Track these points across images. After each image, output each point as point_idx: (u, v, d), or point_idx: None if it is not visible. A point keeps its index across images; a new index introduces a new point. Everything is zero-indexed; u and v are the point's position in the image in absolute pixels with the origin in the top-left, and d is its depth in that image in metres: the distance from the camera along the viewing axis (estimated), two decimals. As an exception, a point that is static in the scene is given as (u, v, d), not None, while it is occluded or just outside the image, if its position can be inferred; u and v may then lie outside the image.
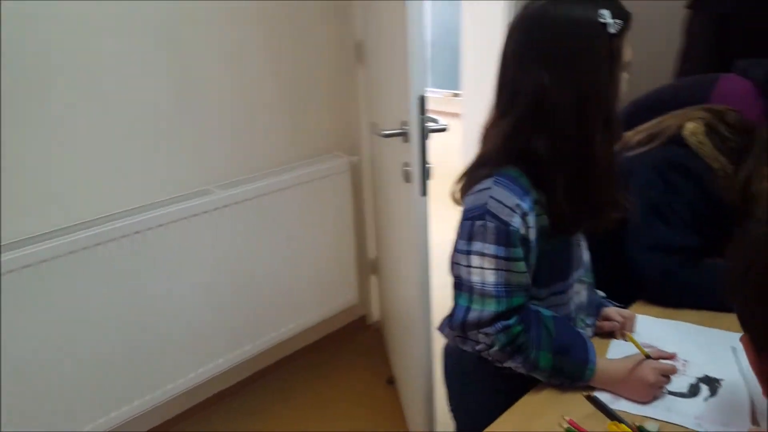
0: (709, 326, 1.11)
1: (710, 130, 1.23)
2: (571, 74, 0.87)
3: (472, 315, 0.93)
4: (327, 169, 2.17)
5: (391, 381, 2.22)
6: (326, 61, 2.15)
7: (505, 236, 0.90)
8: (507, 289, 0.91)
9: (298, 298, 2.19)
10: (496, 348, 0.93)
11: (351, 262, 2.35)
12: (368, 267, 2.50)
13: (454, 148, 3.38)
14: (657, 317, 1.16)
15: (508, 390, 0.98)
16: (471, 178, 0.97)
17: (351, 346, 2.46)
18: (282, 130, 2.08)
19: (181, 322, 1.86)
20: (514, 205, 0.90)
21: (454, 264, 0.96)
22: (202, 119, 1.86)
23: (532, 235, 0.92)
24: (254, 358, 2.12)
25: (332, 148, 2.25)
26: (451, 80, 5.27)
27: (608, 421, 0.89)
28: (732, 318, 1.13)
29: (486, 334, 0.93)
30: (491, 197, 0.91)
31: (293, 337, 2.22)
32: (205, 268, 1.89)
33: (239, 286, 1.99)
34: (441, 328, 1.03)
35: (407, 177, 1.53)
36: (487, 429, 0.92)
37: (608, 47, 0.87)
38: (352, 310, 2.47)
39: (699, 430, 0.86)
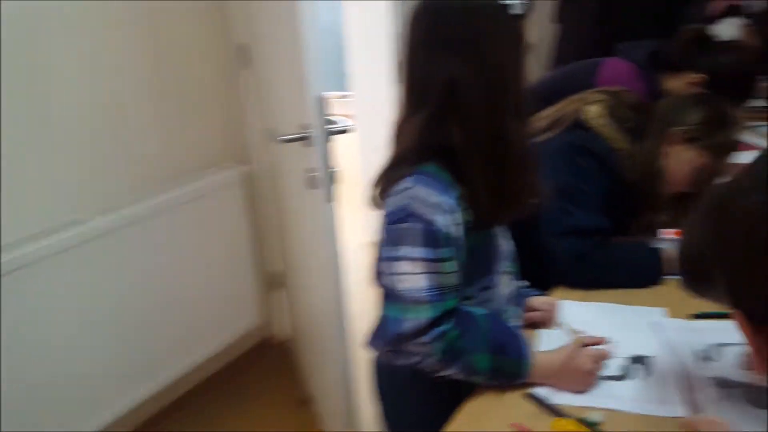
0: (626, 304, 1.12)
1: (610, 111, 1.26)
2: (481, 60, 0.83)
3: (407, 325, 0.85)
4: (215, 182, 2.02)
5: (304, 401, 2.10)
6: (204, 67, 2.00)
7: (431, 237, 0.83)
8: (439, 292, 0.85)
9: (195, 327, 2.01)
10: (434, 357, 0.86)
11: (250, 281, 2.21)
12: (273, 282, 2.36)
13: (351, 150, 3.32)
14: (576, 300, 1.15)
15: (447, 399, 0.91)
16: (388, 179, 0.89)
17: (258, 369, 2.30)
18: (160, 144, 1.90)
19: (61, 370, 1.63)
20: (438, 203, 0.84)
21: (381, 274, 0.88)
22: (62, 138, 1.64)
23: (459, 232, 0.86)
24: (153, 398, 1.91)
25: (221, 160, 2.09)
26: (335, 81, 5.23)
27: (547, 423, 0.85)
28: (645, 294, 1.17)
29: (422, 344, 0.85)
30: (413, 197, 0.84)
31: (195, 369, 2.03)
32: (84, 307, 1.67)
33: (126, 323, 1.79)
34: (371, 343, 0.94)
35: (312, 183, 1.44)
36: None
37: (514, 30, 0.85)
38: (256, 331, 2.32)
39: (639, 411, 0.85)
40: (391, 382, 1.02)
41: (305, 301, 1.97)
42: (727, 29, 3.02)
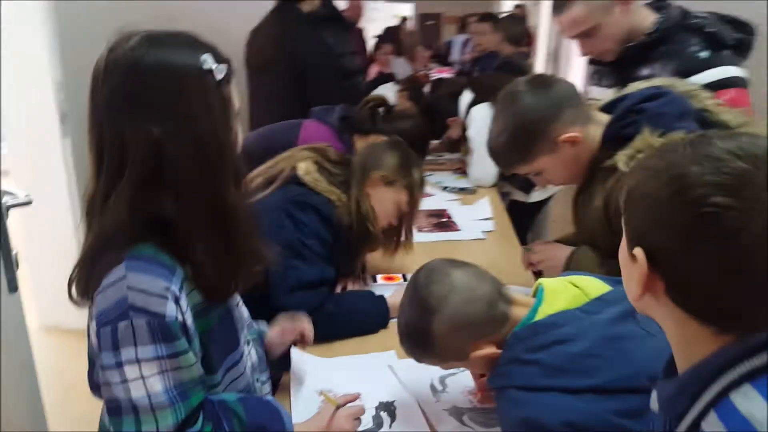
0: (363, 353, 1.18)
1: (319, 167, 1.37)
2: (185, 125, 0.75)
3: None
4: None
5: None
6: None
7: (161, 331, 0.72)
8: (180, 390, 0.74)
9: None
10: None
11: None
12: None
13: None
14: (316, 356, 1.16)
15: None
16: (92, 269, 0.75)
17: None
18: None
19: None
20: (163, 290, 0.73)
21: (104, 385, 0.73)
22: None
23: (189, 319, 0.77)
24: None
25: None
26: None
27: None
28: (376, 339, 1.26)
29: None
30: (130, 288, 0.72)
31: None
32: None
33: None
34: None
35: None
36: None
37: (218, 94, 0.79)
38: None
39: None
40: None
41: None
42: (385, 93, 3.60)
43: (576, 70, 7.88)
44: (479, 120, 2.22)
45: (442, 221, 2.00)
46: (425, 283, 0.93)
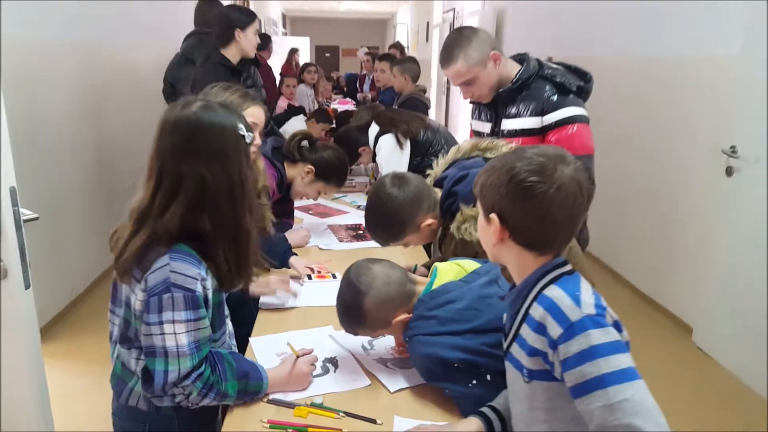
0: (307, 329, 1.57)
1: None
2: (223, 170, 1.11)
3: (172, 375, 1.07)
4: None
5: None
6: None
7: (192, 302, 1.08)
8: (197, 345, 1.10)
9: None
10: (193, 395, 1.11)
11: None
12: None
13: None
14: (271, 333, 1.53)
15: (192, 423, 1.19)
16: (141, 258, 1.09)
17: None
18: None
19: None
20: (195, 274, 1.09)
21: (146, 336, 1.08)
22: None
23: (210, 295, 1.14)
24: None
25: None
26: None
27: (291, 411, 1.20)
28: (318, 319, 1.63)
29: (184, 387, 1.09)
30: (172, 271, 1.07)
31: None
32: None
33: None
34: (148, 390, 1.10)
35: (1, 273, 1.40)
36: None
37: (245, 151, 1.17)
38: None
39: (342, 390, 1.28)
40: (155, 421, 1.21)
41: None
42: (295, 125, 4.01)
43: (458, 99, 8.70)
44: (386, 148, 2.66)
45: (359, 233, 2.41)
46: (355, 276, 1.34)
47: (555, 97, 1.87)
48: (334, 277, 1.90)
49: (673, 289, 3.55)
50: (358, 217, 2.62)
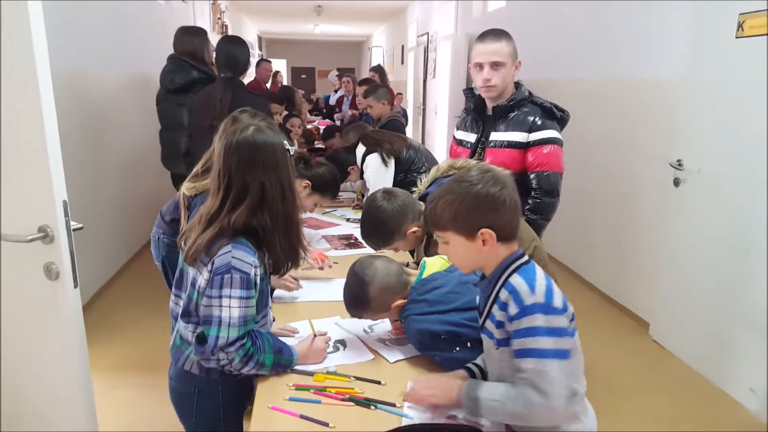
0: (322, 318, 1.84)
1: None
2: (277, 177, 1.40)
3: (221, 341, 1.34)
4: None
5: None
6: None
7: (246, 283, 1.35)
8: (244, 320, 1.37)
9: None
10: (236, 360, 1.37)
11: None
12: None
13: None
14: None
15: (232, 391, 1.46)
16: (209, 247, 1.36)
17: None
18: None
19: None
20: (251, 262, 1.37)
21: (205, 306, 1.35)
22: None
23: (259, 281, 1.41)
24: None
25: None
26: None
27: (311, 377, 1.48)
28: (326, 311, 1.90)
29: (228, 353, 1.36)
30: (234, 257, 1.35)
31: None
32: None
33: None
34: (200, 351, 1.36)
35: (52, 275, 1.65)
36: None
37: (290, 162, 1.47)
38: None
39: (349, 363, 1.55)
40: (204, 384, 1.48)
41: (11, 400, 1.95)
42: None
43: (440, 119, 9.09)
44: (372, 166, 2.96)
45: (351, 242, 2.70)
46: (360, 268, 1.62)
47: (540, 120, 2.25)
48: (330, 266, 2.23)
49: (631, 289, 3.90)
50: (349, 229, 2.91)
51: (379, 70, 6.16)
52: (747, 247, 2.81)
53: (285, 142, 1.47)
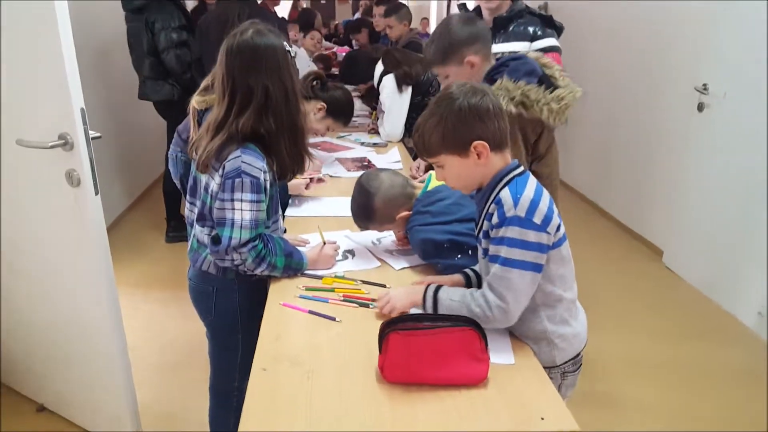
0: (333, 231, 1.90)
1: None
2: (280, 79, 1.41)
3: (234, 241, 1.40)
4: None
5: (41, 408, 2.19)
6: None
7: (256, 187, 1.39)
8: (256, 222, 1.42)
9: None
10: (249, 261, 1.43)
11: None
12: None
13: None
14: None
15: (248, 290, 1.54)
16: (219, 153, 1.40)
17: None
18: None
19: None
20: (261, 167, 1.40)
21: (219, 209, 1.40)
22: None
23: (269, 185, 1.45)
24: None
25: None
26: None
27: (320, 281, 1.55)
28: (335, 225, 1.95)
29: (241, 253, 1.42)
30: (243, 162, 1.38)
31: None
32: None
33: None
34: (214, 251, 1.43)
35: (74, 182, 1.72)
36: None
37: (292, 62, 1.46)
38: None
39: (358, 269, 1.62)
40: (221, 284, 1.56)
41: (37, 309, 2.09)
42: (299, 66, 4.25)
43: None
44: (388, 88, 2.94)
45: (365, 164, 2.72)
46: (366, 181, 1.65)
47: (540, 30, 2.26)
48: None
49: (647, 217, 3.90)
50: (364, 152, 2.92)
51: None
52: None
53: (287, 44, 1.46)
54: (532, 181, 1.22)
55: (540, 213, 1.17)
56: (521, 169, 1.25)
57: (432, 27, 11.04)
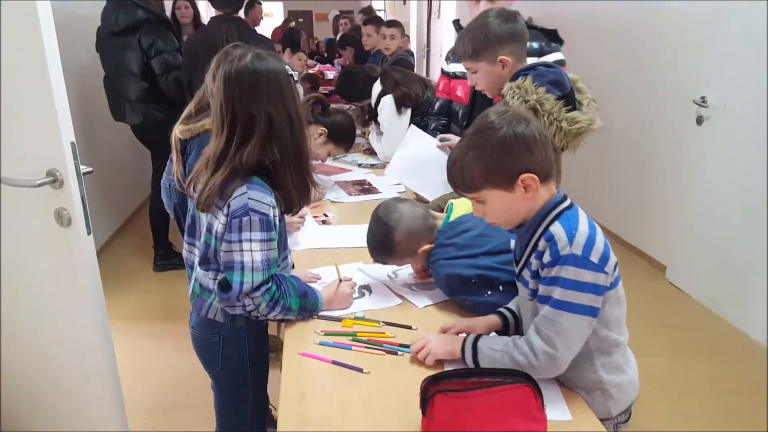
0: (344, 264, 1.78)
1: None
2: (284, 106, 1.29)
3: (246, 286, 1.27)
4: None
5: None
6: None
7: (266, 225, 1.28)
8: (268, 263, 1.30)
9: None
10: (262, 306, 1.31)
11: None
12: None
13: None
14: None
15: (257, 337, 1.41)
16: (223, 190, 1.28)
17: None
18: None
19: None
20: (269, 202, 1.29)
21: (226, 252, 1.28)
22: None
23: (278, 221, 1.34)
24: None
25: None
26: None
27: (339, 324, 1.43)
28: (350, 255, 1.84)
29: (254, 298, 1.29)
30: (250, 198, 1.26)
31: None
32: None
33: None
34: (224, 298, 1.31)
35: (64, 221, 1.58)
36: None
37: (295, 88, 1.35)
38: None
39: (376, 308, 1.51)
40: (212, 332, 1.44)
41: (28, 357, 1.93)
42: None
43: (438, 62, 8.83)
44: (387, 109, 2.85)
45: (365, 187, 2.62)
46: (385, 213, 1.54)
47: (546, 45, 2.16)
48: (326, 216, 2.18)
49: (647, 232, 3.85)
50: (362, 174, 2.82)
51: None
52: (773, 188, 2.74)
53: (288, 67, 1.36)
54: (583, 216, 1.12)
55: (597, 251, 1.07)
56: (569, 201, 1.15)
57: (413, 44, 11.06)
